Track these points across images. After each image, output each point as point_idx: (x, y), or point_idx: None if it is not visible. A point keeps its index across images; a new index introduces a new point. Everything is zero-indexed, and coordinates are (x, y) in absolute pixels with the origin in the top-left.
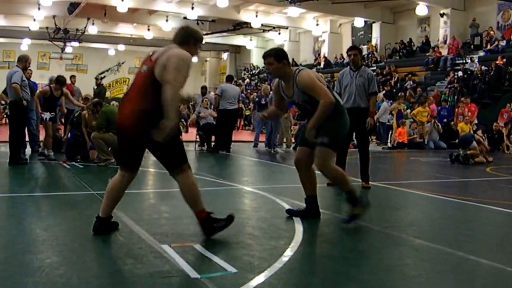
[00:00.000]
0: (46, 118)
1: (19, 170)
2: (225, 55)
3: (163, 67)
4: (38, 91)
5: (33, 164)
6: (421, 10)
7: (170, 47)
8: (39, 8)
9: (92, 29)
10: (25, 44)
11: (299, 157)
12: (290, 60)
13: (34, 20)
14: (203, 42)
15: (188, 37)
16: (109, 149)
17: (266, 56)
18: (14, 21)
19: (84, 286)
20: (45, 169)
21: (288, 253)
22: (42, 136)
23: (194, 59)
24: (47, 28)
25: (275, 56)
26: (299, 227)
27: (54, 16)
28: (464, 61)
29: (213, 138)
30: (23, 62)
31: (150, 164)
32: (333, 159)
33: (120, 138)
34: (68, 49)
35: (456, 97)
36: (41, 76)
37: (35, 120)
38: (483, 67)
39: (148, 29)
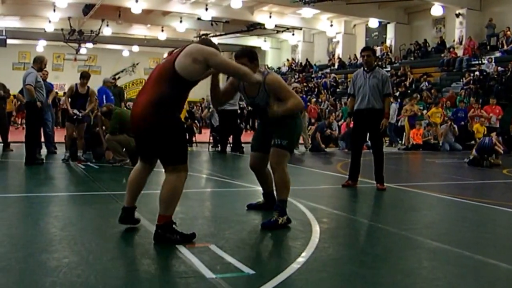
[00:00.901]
0: (78, 116)
1: (35, 171)
2: None
3: (186, 56)
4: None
5: (49, 164)
6: (436, 10)
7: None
8: (54, 10)
9: (107, 31)
10: (40, 46)
11: (253, 163)
12: (304, 61)
13: (50, 21)
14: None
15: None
16: (124, 150)
17: (239, 56)
18: (29, 23)
19: (102, 286)
20: (61, 170)
21: (305, 254)
22: (57, 138)
23: None
24: (62, 29)
25: (249, 56)
26: (315, 228)
27: (69, 18)
28: (480, 62)
29: (230, 139)
30: (38, 63)
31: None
32: (287, 160)
33: (135, 130)
34: (83, 51)
35: (471, 98)
36: (56, 77)
37: (51, 122)
38: (499, 68)
39: (162, 30)
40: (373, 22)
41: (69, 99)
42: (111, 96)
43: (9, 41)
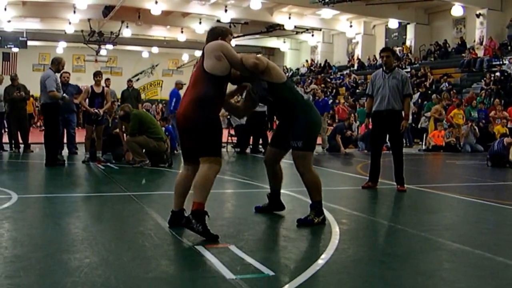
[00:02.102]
0: (98, 116)
1: (56, 171)
2: None
3: (208, 58)
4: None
5: (70, 165)
6: (457, 10)
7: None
8: (74, 12)
9: (126, 32)
10: (60, 47)
11: (267, 157)
12: (324, 62)
13: (70, 23)
14: (233, 36)
15: (218, 34)
16: (143, 151)
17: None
18: (50, 25)
19: (122, 287)
20: (82, 171)
21: (325, 256)
22: (77, 139)
23: None
24: (82, 31)
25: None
26: (335, 229)
27: (89, 19)
28: (501, 62)
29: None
30: (56, 64)
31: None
32: (311, 160)
33: (179, 131)
34: (103, 52)
35: (492, 99)
36: (78, 78)
37: (75, 123)
38: None
39: (182, 32)
40: (393, 23)
41: (87, 100)
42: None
43: (29, 42)
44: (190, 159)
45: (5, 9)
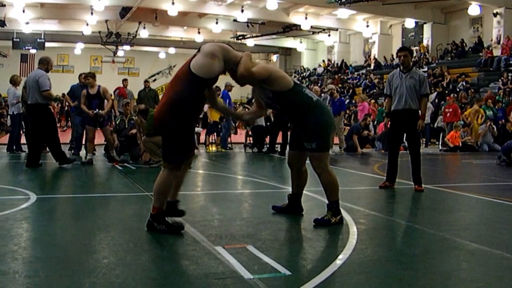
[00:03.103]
0: (100, 117)
1: (73, 172)
2: (274, 57)
3: (203, 55)
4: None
5: (88, 166)
6: (474, 10)
7: None
8: (92, 13)
9: (143, 33)
10: (78, 48)
11: (290, 160)
12: (340, 62)
13: (87, 24)
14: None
15: None
16: (160, 151)
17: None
18: (68, 26)
19: (140, 287)
20: (99, 171)
21: (342, 256)
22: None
23: None
24: (99, 32)
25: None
26: (352, 229)
27: (106, 21)
28: None
29: (267, 140)
30: (45, 64)
31: (200, 166)
32: (327, 160)
33: (158, 132)
34: (120, 53)
35: (510, 98)
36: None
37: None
38: None
39: (199, 32)
40: (410, 23)
41: (85, 103)
42: (231, 101)
43: (47, 44)
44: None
45: (23, 11)
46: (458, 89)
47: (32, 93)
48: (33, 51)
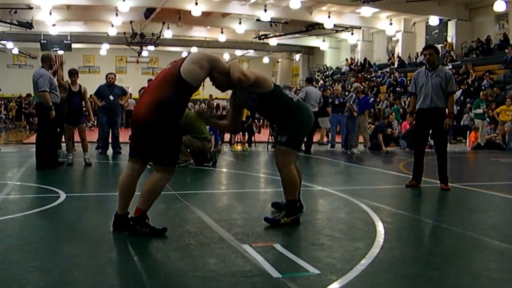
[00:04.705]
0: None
1: (101, 170)
2: (297, 56)
3: (192, 63)
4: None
5: (115, 164)
6: (499, 6)
7: None
8: (117, 14)
9: (167, 33)
10: (104, 49)
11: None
12: (363, 60)
13: (112, 25)
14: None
15: None
16: (188, 150)
17: None
18: (93, 27)
19: (170, 284)
20: None
21: (370, 255)
22: (121, 138)
23: (265, 60)
24: (124, 33)
25: None
26: (379, 228)
27: (131, 22)
28: None
29: None
30: (48, 61)
31: (224, 164)
32: (293, 158)
33: (134, 128)
34: (144, 53)
35: None
36: (120, 80)
37: (119, 123)
38: None
39: (222, 32)
40: (434, 20)
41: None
42: None
43: (74, 45)
44: (139, 158)
45: (50, 13)
46: (483, 87)
47: (35, 92)
48: (60, 52)
